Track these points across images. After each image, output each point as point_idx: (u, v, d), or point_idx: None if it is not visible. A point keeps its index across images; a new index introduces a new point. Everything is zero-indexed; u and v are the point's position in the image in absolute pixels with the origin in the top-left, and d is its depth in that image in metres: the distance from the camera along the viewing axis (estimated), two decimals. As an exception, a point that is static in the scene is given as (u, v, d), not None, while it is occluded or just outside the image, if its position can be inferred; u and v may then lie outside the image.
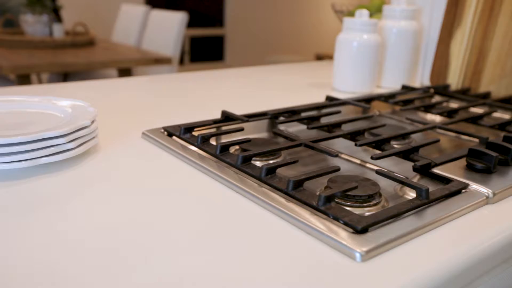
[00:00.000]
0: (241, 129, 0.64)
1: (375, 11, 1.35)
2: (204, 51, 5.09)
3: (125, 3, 3.28)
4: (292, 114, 0.75)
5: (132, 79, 1.10)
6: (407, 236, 0.42)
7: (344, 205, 0.50)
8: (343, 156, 0.67)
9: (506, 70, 0.93)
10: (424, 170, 0.54)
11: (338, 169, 0.50)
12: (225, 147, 0.56)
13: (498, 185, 0.51)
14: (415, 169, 0.54)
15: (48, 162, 0.53)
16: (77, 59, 2.04)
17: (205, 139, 0.59)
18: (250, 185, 0.49)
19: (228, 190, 0.50)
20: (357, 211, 0.50)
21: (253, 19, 5.08)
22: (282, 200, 0.46)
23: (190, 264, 0.37)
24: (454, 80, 1.03)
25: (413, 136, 0.77)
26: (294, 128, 0.77)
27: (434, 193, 0.48)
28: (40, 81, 2.70)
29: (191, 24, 4.88)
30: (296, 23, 5.30)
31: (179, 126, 0.63)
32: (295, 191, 0.46)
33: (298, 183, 0.47)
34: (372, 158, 0.55)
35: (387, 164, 0.64)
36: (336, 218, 0.42)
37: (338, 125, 0.69)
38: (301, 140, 0.59)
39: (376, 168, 0.63)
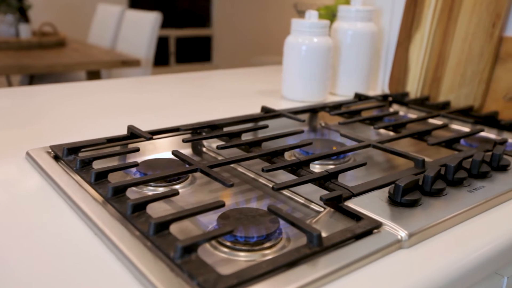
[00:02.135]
0: (136, 150, 0.55)
1: (339, 12, 1.26)
2: (191, 52, 4.99)
3: (102, 3, 3.19)
4: (211, 129, 0.66)
5: (75, 84, 1.01)
6: (283, 299, 0.33)
7: (234, 249, 0.41)
8: (261, 180, 0.58)
9: (466, 78, 0.84)
10: (334, 204, 0.45)
11: (222, 205, 0.41)
12: (102, 174, 0.47)
13: (418, 224, 0.42)
14: (324, 202, 0.45)
15: None
16: (40, 61, 1.94)
17: (84, 163, 0.50)
18: (112, 225, 0.40)
19: (86, 228, 0.41)
20: (249, 256, 0.41)
21: (241, 20, 4.99)
22: (141, 247, 0.37)
23: None
24: (413, 87, 0.94)
25: (352, 154, 0.68)
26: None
27: (333, 237, 0.39)
28: (10, 84, 2.61)
29: (178, 24, 4.78)
30: (285, 24, 5.21)
31: (63, 145, 0.54)
32: (157, 235, 0.37)
33: (162, 226, 0.38)
34: (273, 189, 0.46)
35: (311, 189, 0.55)
36: (191, 277, 0.33)
37: (258, 143, 0.60)
38: (197, 165, 0.50)
39: (296, 194, 0.54)
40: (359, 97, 0.90)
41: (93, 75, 2.20)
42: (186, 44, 4.91)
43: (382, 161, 0.71)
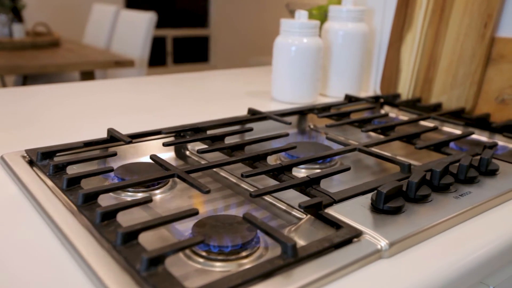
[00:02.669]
0: (113, 154, 0.54)
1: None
2: (188, 52, 4.97)
3: (98, 2, 3.17)
4: (195, 132, 0.64)
5: (65, 85, 0.99)
6: (252, 313, 0.31)
7: (209, 259, 0.40)
8: (243, 185, 0.56)
9: (457, 79, 0.83)
10: (314, 211, 0.44)
11: (196, 213, 0.40)
12: (74, 180, 0.46)
13: (399, 233, 0.41)
14: (303, 209, 0.44)
15: None
16: (33, 61, 1.93)
17: (58, 168, 0.49)
18: (80, 235, 0.39)
19: (54, 237, 0.40)
20: (224, 267, 0.39)
21: (238, 20, 4.98)
22: (108, 258, 0.36)
23: None
24: (405, 88, 0.92)
25: (339, 158, 0.67)
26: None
27: (309, 247, 0.37)
28: (4, 84, 2.59)
29: (175, 24, 4.77)
30: (283, 24, 5.19)
31: (37, 150, 0.53)
32: (124, 246, 0.36)
33: (130, 236, 0.36)
34: (250, 195, 0.44)
35: (294, 195, 0.53)
36: (156, 290, 0.32)
37: (240, 147, 0.58)
38: (175, 170, 0.49)
39: (278, 200, 0.52)
40: (350, 99, 0.89)
41: (87, 75, 2.18)
42: (184, 44, 4.90)
43: (372, 164, 0.69)
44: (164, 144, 0.57)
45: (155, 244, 0.42)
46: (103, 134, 0.62)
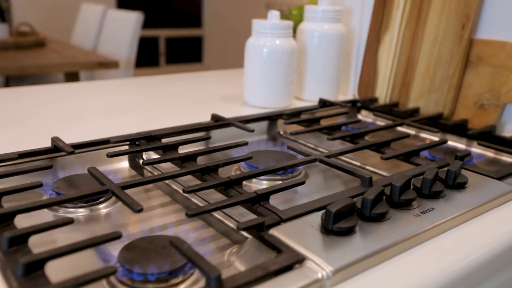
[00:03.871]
0: (48, 167, 0.49)
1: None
2: (181, 52, 4.93)
3: (87, 2, 3.13)
4: (147, 140, 0.60)
5: (35, 88, 0.95)
6: None
7: None
8: (193, 199, 0.52)
9: (435, 83, 0.79)
10: (255, 233, 0.40)
11: (118, 237, 0.36)
12: (-6, 198, 0.41)
13: (347, 258, 0.36)
14: (243, 231, 0.40)
15: None
16: (14, 62, 1.88)
17: (-19, 183, 0.45)
18: (-14, 261, 0.35)
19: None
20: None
21: (232, 20, 4.93)
22: (9, 290, 0.32)
23: None
24: (383, 92, 0.88)
25: (303, 167, 0.62)
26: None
27: (239, 277, 0.33)
28: (-11, 85, 2.55)
29: (168, 24, 4.72)
30: (277, 24, 5.14)
31: (-34, 162, 0.49)
32: (26, 277, 0.32)
33: (34, 265, 0.32)
34: (187, 215, 0.40)
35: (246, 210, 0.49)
36: (49, 333, 0.27)
37: (192, 157, 0.54)
38: (110, 185, 0.44)
39: (227, 216, 0.48)
40: (324, 103, 0.84)
41: (71, 77, 2.14)
42: (177, 45, 4.85)
43: (342, 173, 0.65)
44: (108, 155, 0.53)
45: (78, 271, 0.38)
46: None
